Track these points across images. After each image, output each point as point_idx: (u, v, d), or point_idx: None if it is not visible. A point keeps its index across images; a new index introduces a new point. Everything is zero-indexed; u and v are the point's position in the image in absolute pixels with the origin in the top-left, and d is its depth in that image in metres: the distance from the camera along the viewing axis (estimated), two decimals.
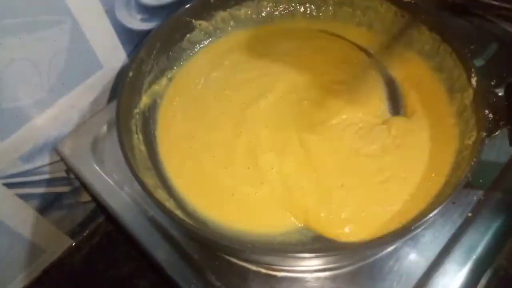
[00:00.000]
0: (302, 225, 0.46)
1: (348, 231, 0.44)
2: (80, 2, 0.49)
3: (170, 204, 0.46)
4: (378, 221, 0.45)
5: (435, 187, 0.46)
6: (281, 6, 0.62)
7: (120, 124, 0.47)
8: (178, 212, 0.44)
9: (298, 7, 0.62)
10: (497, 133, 0.44)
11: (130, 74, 0.51)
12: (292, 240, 0.46)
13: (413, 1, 0.54)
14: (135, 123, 0.52)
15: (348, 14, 0.61)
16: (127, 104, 0.50)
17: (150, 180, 0.47)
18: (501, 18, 0.58)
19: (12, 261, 0.63)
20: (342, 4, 0.60)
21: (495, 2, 0.56)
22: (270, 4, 0.62)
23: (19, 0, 0.44)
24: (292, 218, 0.46)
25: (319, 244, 0.45)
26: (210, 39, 0.61)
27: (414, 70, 0.56)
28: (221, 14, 0.60)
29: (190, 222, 0.44)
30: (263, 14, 0.62)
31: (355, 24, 0.61)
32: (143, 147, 0.51)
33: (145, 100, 0.54)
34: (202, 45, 0.61)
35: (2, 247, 0.60)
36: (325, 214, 0.45)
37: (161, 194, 0.46)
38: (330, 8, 0.61)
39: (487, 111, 0.44)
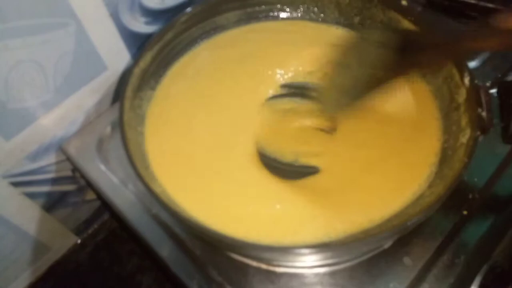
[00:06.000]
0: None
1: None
2: (84, 5, 0.49)
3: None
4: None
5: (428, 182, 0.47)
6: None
7: (124, 125, 0.47)
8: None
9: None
10: (490, 131, 0.45)
11: (132, 76, 0.51)
12: None
13: (404, 2, 0.55)
14: (138, 124, 0.52)
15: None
16: (129, 105, 0.50)
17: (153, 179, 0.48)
18: None
19: (18, 258, 0.64)
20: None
21: (490, 5, 0.57)
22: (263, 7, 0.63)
23: (24, 3, 0.44)
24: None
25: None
26: (207, 39, 0.62)
27: None
28: (221, 16, 0.61)
29: (193, 220, 0.44)
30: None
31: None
32: None
33: (146, 101, 0.55)
34: (198, 46, 0.61)
35: (8, 245, 0.61)
36: None
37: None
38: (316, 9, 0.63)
39: (480, 110, 0.45)
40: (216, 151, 0.51)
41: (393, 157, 0.49)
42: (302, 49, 0.59)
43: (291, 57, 0.59)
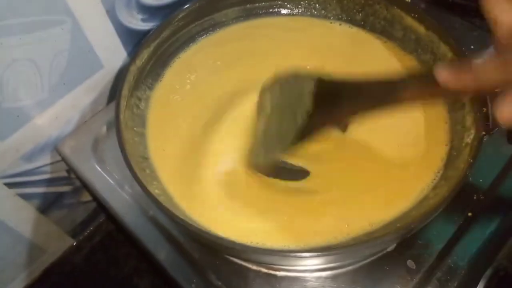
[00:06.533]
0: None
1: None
2: (80, 2, 0.49)
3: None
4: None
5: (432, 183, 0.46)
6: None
7: (120, 125, 0.47)
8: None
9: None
10: (495, 131, 0.44)
11: (129, 74, 0.51)
12: None
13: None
14: (135, 124, 0.52)
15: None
16: (126, 104, 0.50)
17: (150, 180, 0.48)
18: None
19: (13, 260, 0.63)
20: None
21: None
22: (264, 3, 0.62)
23: (20, 0, 0.44)
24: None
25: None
26: (206, 36, 0.61)
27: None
28: (220, 13, 0.61)
29: (191, 223, 0.43)
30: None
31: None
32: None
33: (143, 100, 0.54)
34: (197, 43, 0.60)
35: (3, 247, 0.60)
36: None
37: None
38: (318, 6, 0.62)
39: (485, 109, 0.44)
40: (218, 150, 0.51)
41: (399, 162, 0.49)
42: (303, 46, 0.59)
43: (292, 54, 0.58)
